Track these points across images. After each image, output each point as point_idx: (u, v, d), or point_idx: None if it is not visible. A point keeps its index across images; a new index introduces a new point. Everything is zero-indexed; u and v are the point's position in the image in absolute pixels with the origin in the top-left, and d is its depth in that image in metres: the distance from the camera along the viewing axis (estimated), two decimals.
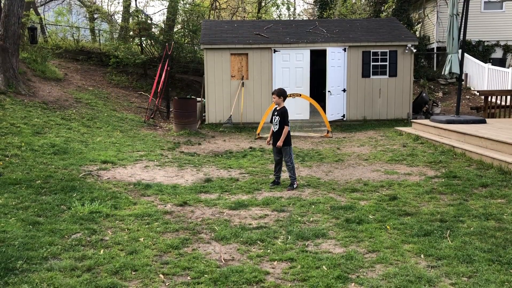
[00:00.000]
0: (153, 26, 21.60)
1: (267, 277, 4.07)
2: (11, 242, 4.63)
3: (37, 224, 5.20)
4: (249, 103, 14.89)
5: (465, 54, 18.25)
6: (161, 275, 4.10)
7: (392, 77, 15.23)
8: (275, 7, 30.32)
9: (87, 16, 26.06)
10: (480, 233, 4.95)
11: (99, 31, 25.41)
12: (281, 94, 7.24)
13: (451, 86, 20.49)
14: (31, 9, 18.06)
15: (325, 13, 23.56)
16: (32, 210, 5.68)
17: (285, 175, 7.70)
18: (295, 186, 7.07)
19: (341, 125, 14.71)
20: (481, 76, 19.01)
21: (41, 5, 25.25)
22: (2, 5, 12.87)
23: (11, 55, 12.55)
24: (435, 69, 22.04)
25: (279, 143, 7.13)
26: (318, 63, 17.09)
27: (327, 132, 12.73)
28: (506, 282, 3.85)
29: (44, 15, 23.57)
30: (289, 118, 7.27)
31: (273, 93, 7.34)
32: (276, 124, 7.17)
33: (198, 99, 15.25)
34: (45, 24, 22.47)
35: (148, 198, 6.54)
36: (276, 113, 7.23)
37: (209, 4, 26.57)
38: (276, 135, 7.21)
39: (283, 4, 29.66)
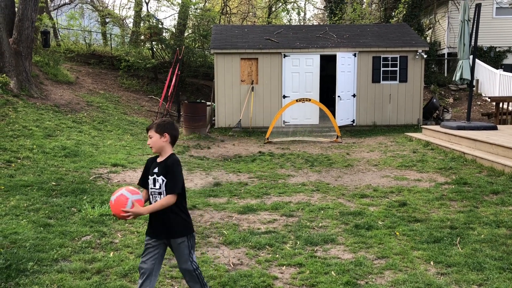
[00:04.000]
0: (164, 31, 21.76)
1: (275, 282, 4.06)
2: (22, 244, 4.68)
3: (48, 226, 5.26)
4: (259, 107, 14.91)
5: (477, 60, 18.09)
6: (169, 279, 4.11)
7: (403, 82, 15.16)
8: (285, 12, 30.40)
9: (99, 20, 26.30)
10: (491, 240, 4.90)
11: (110, 35, 25.65)
12: (165, 129, 3.34)
13: (462, 92, 20.35)
14: (44, 13, 18.27)
15: (335, 18, 23.55)
16: (43, 212, 5.74)
17: None
18: None
19: (351, 130, 14.67)
20: (493, 82, 18.87)
21: (54, 9, 25.55)
22: (16, 9, 13.06)
23: (24, 59, 12.71)
24: (445, 74, 21.91)
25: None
26: (328, 68, 17.07)
27: (337, 137, 12.69)
28: None
29: (56, 19, 23.83)
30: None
31: (149, 128, 3.37)
32: (160, 193, 3.30)
33: (208, 103, 15.31)
34: (58, 28, 22.73)
35: None
36: (157, 169, 3.33)
37: (220, 9, 26.71)
38: (160, 213, 3.28)
39: (293, 9, 29.75)
